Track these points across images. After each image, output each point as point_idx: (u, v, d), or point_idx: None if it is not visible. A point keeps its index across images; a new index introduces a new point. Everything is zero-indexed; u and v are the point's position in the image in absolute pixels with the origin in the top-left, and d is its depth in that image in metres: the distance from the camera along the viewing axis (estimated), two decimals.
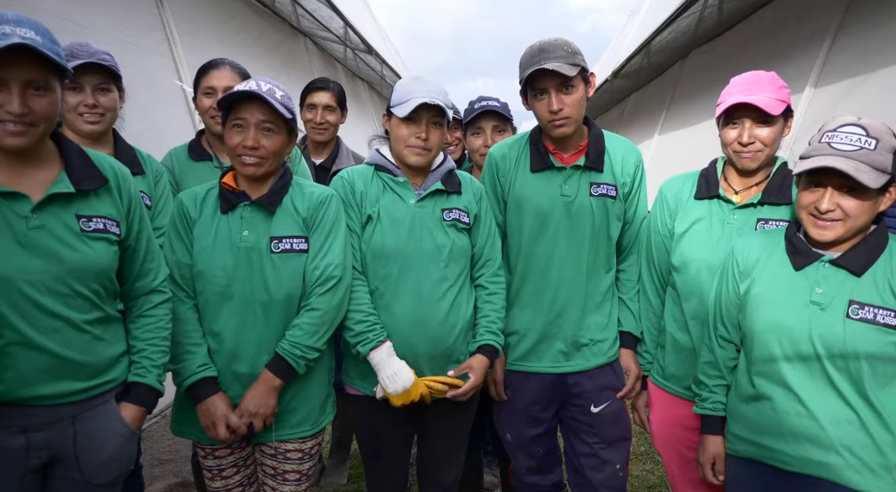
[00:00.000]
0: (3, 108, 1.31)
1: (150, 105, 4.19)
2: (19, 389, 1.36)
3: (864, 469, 1.54)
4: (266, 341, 1.75)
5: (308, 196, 1.82)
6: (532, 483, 2.19)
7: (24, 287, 1.35)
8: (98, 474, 1.49)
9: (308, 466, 1.87)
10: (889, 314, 1.52)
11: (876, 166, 1.49)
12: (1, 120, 1.32)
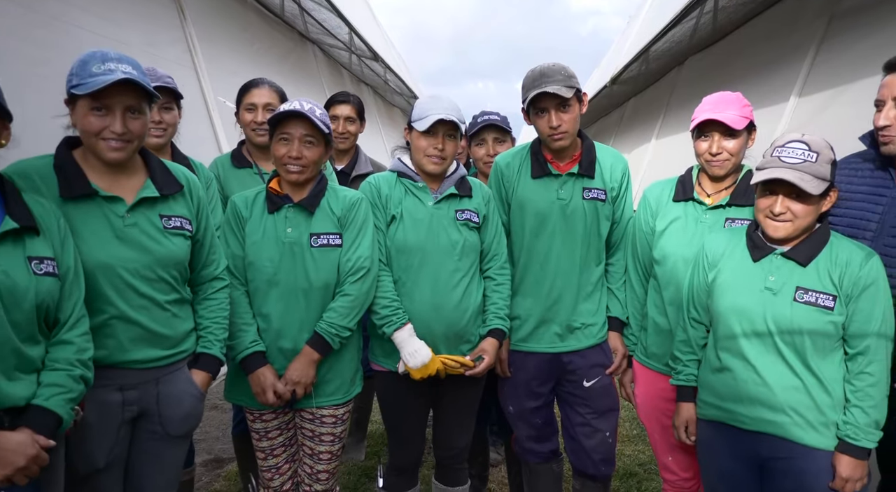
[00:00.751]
0: (108, 129, 1.65)
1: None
2: (118, 354, 1.71)
3: (808, 427, 1.88)
4: (306, 322, 2.09)
5: (341, 199, 2.16)
6: (531, 450, 2.53)
7: (122, 273, 1.70)
8: (175, 427, 1.84)
9: (340, 430, 2.22)
10: (827, 298, 1.86)
11: (817, 176, 1.83)
12: (105, 138, 1.66)
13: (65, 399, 1.50)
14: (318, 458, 2.20)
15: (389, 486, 2.45)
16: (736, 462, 2.01)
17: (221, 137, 5.07)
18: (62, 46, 3.65)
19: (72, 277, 1.58)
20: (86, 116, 1.64)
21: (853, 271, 1.85)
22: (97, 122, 1.64)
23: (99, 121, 1.64)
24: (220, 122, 5.08)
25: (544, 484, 2.58)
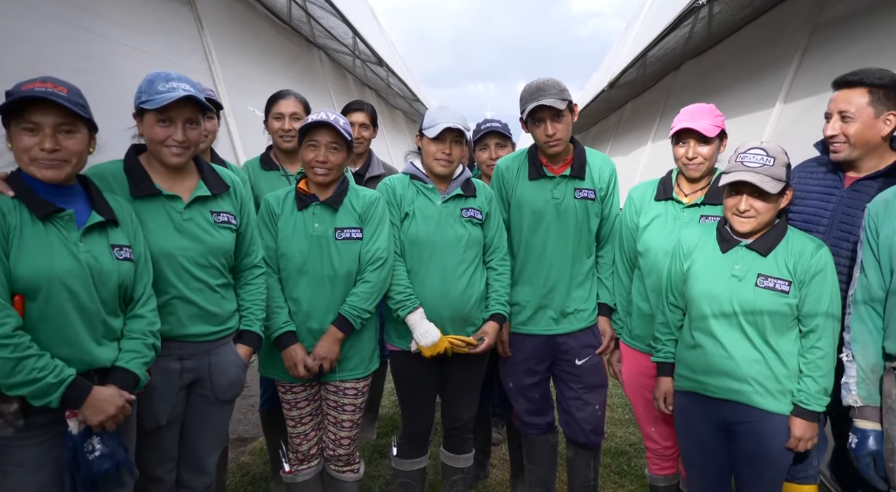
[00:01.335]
0: (171, 138, 1.98)
1: None
2: (178, 329, 2.03)
3: (767, 394, 2.19)
4: (332, 305, 2.42)
5: (362, 197, 2.48)
6: (530, 423, 2.85)
7: (181, 260, 2.03)
8: (223, 392, 2.17)
9: (360, 401, 2.54)
10: (784, 283, 2.17)
11: (775, 177, 2.14)
12: (168, 145, 1.99)
13: (141, 362, 1.83)
14: (341, 425, 2.52)
15: (402, 453, 2.77)
16: (706, 427, 2.33)
17: (236, 140, 5.38)
18: (95, 57, 3.96)
19: (142, 262, 1.90)
20: (152, 127, 1.96)
21: (805, 260, 2.16)
22: (162, 132, 1.96)
23: (163, 131, 1.96)
24: (236, 126, 5.39)
25: (541, 454, 2.90)
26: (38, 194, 1.70)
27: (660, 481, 2.75)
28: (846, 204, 2.28)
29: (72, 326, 1.70)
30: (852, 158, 2.22)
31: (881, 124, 2.14)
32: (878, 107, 2.13)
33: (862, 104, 2.14)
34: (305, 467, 2.59)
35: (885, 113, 2.13)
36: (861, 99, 2.15)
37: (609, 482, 3.41)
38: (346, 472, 2.59)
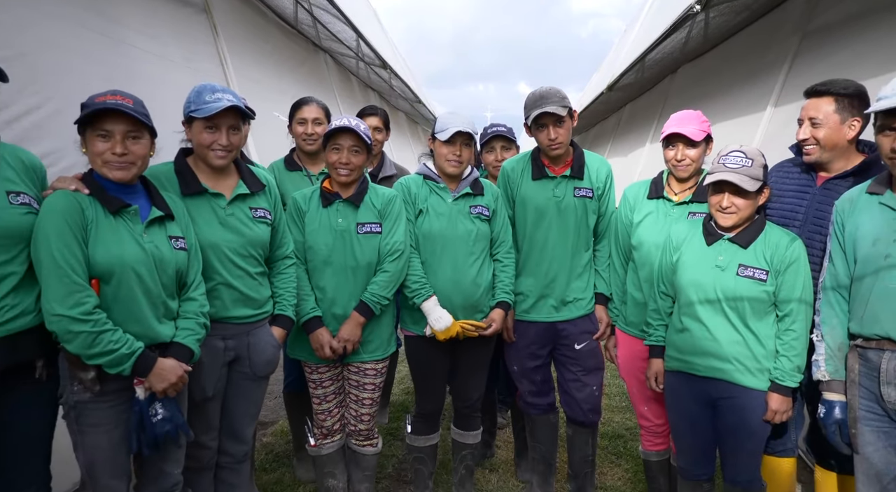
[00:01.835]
0: (217, 142, 2.25)
1: None
2: (222, 311, 2.31)
3: (747, 372, 2.46)
4: (354, 293, 2.69)
5: (381, 195, 2.76)
6: (533, 403, 3.12)
7: (225, 250, 2.30)
8: (260, 369, 2.44)
9: (379, 380, 2.81)
10: (762, 273, 2.45)
11: (753, 177, 2.42)
12: (213, 149, 2.26)
13: (195, 339, 2.11)
14: (362, 403, 2.80)
15: (416, 430, 3.04)
16: (693, 403, 2.60)
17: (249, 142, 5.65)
18: (121, 64, 4.23)
19: (193, 252, 2.18)
20: (200, 133, 2.24)
21: (781, 252, 2.44)
22: (209, 137, 2.24)
23: (210, 136, 2.24)
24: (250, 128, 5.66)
25: (543, 432, 3.17)
26: (109, 192, 1.98)
27: (652, 457, 3.02)
28: (819, 201, 2.55)
29: (139, 306, 1.98)
30: (823, 159, 2.50)
31: (846, 129, 2.42)
32: (843, 113, 2.41)
33: (829, 111, 2.43)
34: (329, 441, 2.86)
35: (850, 119, 2.41)
36: (828, 107, 2.43)
37: (606, 462, 3.69)
38: (366, 446, 2.87)
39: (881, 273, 2.12)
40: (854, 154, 2.51)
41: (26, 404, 1.96)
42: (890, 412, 2.13)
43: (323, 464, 2.88)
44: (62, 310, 1.83)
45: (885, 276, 2.11)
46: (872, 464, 2.19)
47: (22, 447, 1.96)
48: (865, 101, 2.42)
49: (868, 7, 4.46)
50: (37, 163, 2.03)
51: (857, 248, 2.23)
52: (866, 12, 4.51)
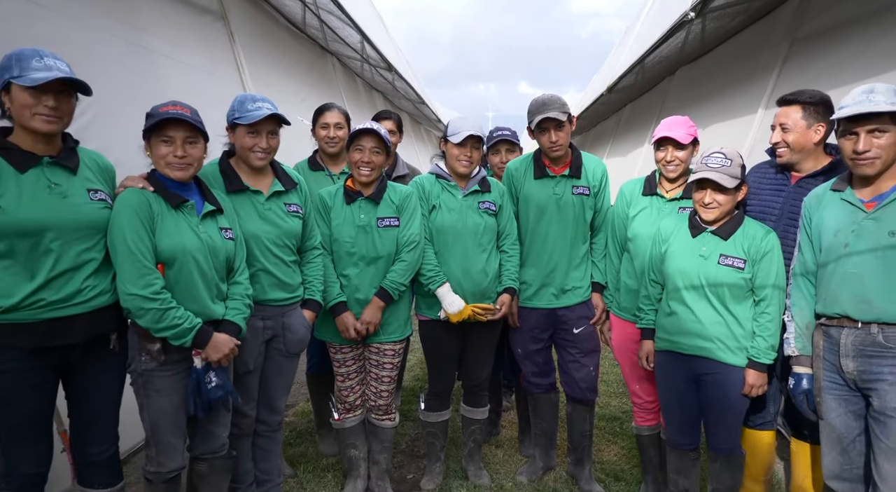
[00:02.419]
0: (258, 145, 2.58)
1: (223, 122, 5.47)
2: (261, 295, 2.65)
3: (728, 351, 2.79)
4: (375, 280, 3.02)
5: (398, 192, 3.09)
6: (535, 383, 3.46)
7: (264, 241, 2.64)
8: (293, 347, 2.78)
9: (397, 360, 3.15)
10: (740, 261, 2.77)
11: (731, 175, 2.75)
12: (255, 151, 2.60)
13: (242, 317, 2.44)
14: (381, 380, 3.13)
15: (429, 407, 3.38)
16: (680, 379, 2.93)
17: None
18: (146, 70, 4.56)
19: (239, 241, 2.51)
20: (243, 138, 2.58)
21: (757, 243, 2.77)
22: (251, 141, 2.58)
23: (252, 140, 2.58)
24: None
25: (544, 410, 3.51)
26: (170, 189, 2.32)
27: (644, 431, 3.35)
28: (793, 198, 2.88)
29: (196, 288, 2.32)
30: (793, 160, 2.84)
31: (812, 133, 2.76)
32: (809, 119, 2.75)
33: (797, 118, 2.77)
34: (351, 416, 3.20)
35: (815, 124, 2.75)
36: (796, 114, 2.77)
37: (604, 441, 4.02)
38: (385, 420, 3.20)
39: (841, 260, 2.45)
40: (822, 156, 2.84)
41: (102, 372, 2.29)
42: (848, 382, 2.45)
43: (346, 436, 3.22)
44: (135, 290, 2.16)
45: (844, 262, 2.43)
46: (834, 428, 2.52)
47: (98, 409, 2.30)
48: (829, 108, 2.75)
49: (852, 16, 4.78)
50: (108, 164, 2.37)
51: (821, 238, 2.55)
52: (850, 21, 4.83)
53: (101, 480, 2.35)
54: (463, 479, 3.45)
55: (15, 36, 3.26)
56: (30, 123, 2.06)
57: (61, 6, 3.69)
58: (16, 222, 2.01)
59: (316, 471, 3.50)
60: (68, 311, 2.12)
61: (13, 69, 2.03)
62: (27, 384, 2.10)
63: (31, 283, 2.06)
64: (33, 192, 2.06)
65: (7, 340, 2.05)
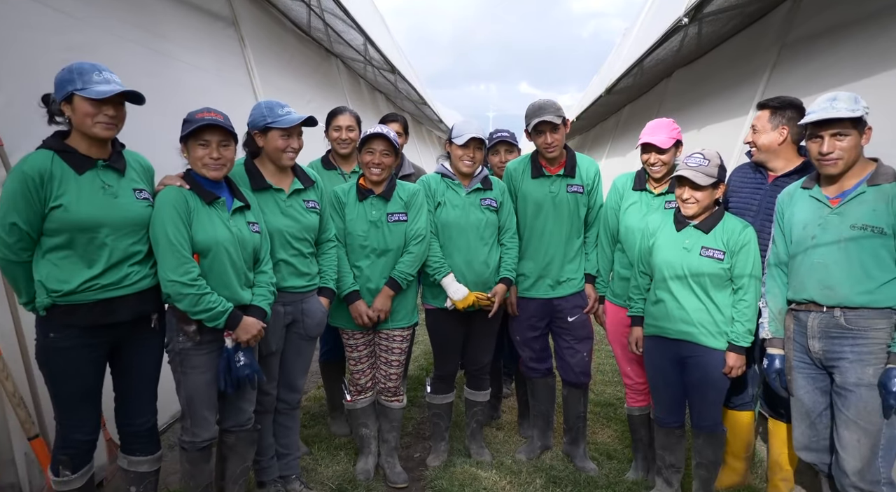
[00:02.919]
0: (290, 146, 2.87)
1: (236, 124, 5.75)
2: (282, 282, 2.93)
3: (709, 335, 3.07)
4: (385, 271, 3.30)
5: (407, 190, 3.37)
6: (533, 368, 3.74)
7: (286, 234, 2.93)
8: (311, 330, 3.07)
9: (405, 345, 3.43)
10: (720, 253, 3.05)
11: (707, 174, 3.01)
12: (286, 152, 2.88)
13: (267, 303, 2.73)
14: (391, 364, 3.42)
15: (435, 390, 3.66)
16: (666, 361, 3.21)
17: None
18: (164, 75, 4.84)
19: (264, 235, 2.80)
20: (276, 140, 2.87)
21: (735, 236, 3.04)
22: (283, 143, 2.87)
23: (284, 142, 2.88)
24: None
25: (542, 393, 3.79)
26: (204, 187, 2.60)
27: (635, 411, 3.63)
28: (769, 195, 3.16)
29: (227, 276, 2.60)
30: (762, 159, 3.13)
31: (777, 134, 3.07)
32: (774, 122, 3.06)
33: (765, 121, 3.07)
34: (363, 397, 3.48)
35: (780, 126, 3.05)
36: (764, 117, 3.08)
37: (598, 424, 4.31)
38: (394, 401, 3.49)
39: (808, 251, 2.73)
40: (795, 156, 3.13)
41: (144, 350, 2.58)
42: (815, 361, 2.74)
43: (357, 416, 3.50)
44: (175, 277, 2.45)
45: (811, 253, 2.72)
46: (803, 403, 2.81)
47: (140, 384, 2.59)
48: (799, 111, 3.04)
49: (838, 23, 5.05)
50: (149, 165, 2.65)
51: (792, 231, 2.83)
52: (836, 27, 5.10)
53: (142, 448, 2.64)
54: (466, 457, 3.74)
55: (51, 44, 3.55)
56: (91, 130, 2.35)
57: (91, 17, 3.98)
58: (76, 220, 2.31)
59: (329, 449, 3.79)
60: (118, 292, 2.42)
61: (76, 82, 2.31)
62: (86, 360, 2.39)
63: (89, 271, 2.35)
64: (90, 192, 2.35)
65: (68, 319, 2.35)
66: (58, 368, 2.37)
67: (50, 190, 2.28)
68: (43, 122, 2.49)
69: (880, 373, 2.51)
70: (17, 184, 2.25)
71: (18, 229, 2.27)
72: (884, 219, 2.54)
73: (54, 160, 2.32)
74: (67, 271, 2.33)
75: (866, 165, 2.67)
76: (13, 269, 2.34)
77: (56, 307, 2.35)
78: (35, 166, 2.28)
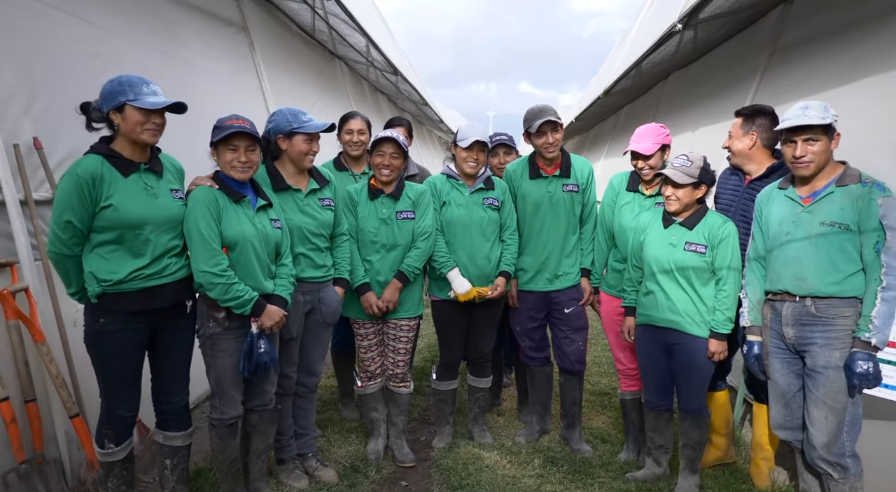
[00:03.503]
0: (312, 150, 3.14)
1: None
2: (300, 273, 3.21)
3: (694, 324, 3.34)
4: (394, 265, 3.58)
5: (415, 190, 3.65)
6: (532, 357, 4.02)
7: (304, 231, 3.20)
8: (328, 317, 3.35)
9: (412, 334, 3.71)
10: (703, 247, 3.32)
11: (688, 174, 3.27)
12: (308, 155, 3.16)
13: (288, 293, 3.00)
14: (398, 352, 3.69)
15: (440, 377, 3.94)
16: (655, 348, 3.48)
17: None
18: (182, 80, 5.10)
19: (285, 231, 3.08)
20: (301, 144, 3.15)
21: (715, 231, 3.32)
22: (307, 146, 3.16)
23: (307, 146, 3.16)
24: None
25: (540, 381, 4.07)
26: (232, 187, 2.88)
27: (627, 396, 3.91)
28: (744, 197, 3.46)
29: (253, 268, 2.88)
30: (736, 162, 3.44)
31: (747, 139, 3.39)
32: (745, 128, 3.38)
33: (737, 127, 3.38)
34: (373, 383, 3.76)
35: (749, 132, 3.35)
36: (738, 124, 3.39)
37: (594, 411, 4.59)
38: (402, 387, 3.77)
39: (783, 246, 3.00)
40: (767, 159, 3.42)
41: (179, 332, 2.86)
42: (789, 346, 3.01)
43: (367, 401, 3.78)
44: (206, 268, 2.73)
45: (785, 248, 2.99)
46: (779, 385, 3.08)
47: (176, 364, 2.87)
48: (768, 116, 3.35)
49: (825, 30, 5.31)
50: (180, 166, 2.92)
51: (769, 228, 3.11)
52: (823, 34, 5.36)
53: (176, 424, 2.92)
54: (469, 439, 4.02)
55: (80, 53, 3.83)
56: (140, 136, 2.63)
57: (116, 28, 4.26)
58: (125, 218, 2.59)
59: (341, 432, 4.07)
60: (159, 281, 2.70)
61: (128, 93, 2.58)
62: (130, 342, 2.68)
63: (136, 262, 2.64)
64: (135, 193, 2.63)
65: (116, 305, 2.63)
66: (106, 349, 2.65)
67: (101, 191, 2.56)
68: (76, 125, 2.75)
69: (846, 356, 2.78)
70: (72, 186, 2.53)
71: (73, 227, 2.55)
72: (849, 216, 2.82)
73: (104, 164, 2.60)
74: (116, 263, 2.61)
75: (836, 168, 2.94)
76: (66, 262, 2.62)
77: (105, 295, 2.63)
78: (88, 170, 2.55)
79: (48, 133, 3.37)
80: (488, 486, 3.42)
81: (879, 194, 2.78)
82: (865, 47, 4.55)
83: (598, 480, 3.55)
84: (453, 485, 3.43)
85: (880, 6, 4.30)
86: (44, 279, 3.16)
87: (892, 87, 3.72)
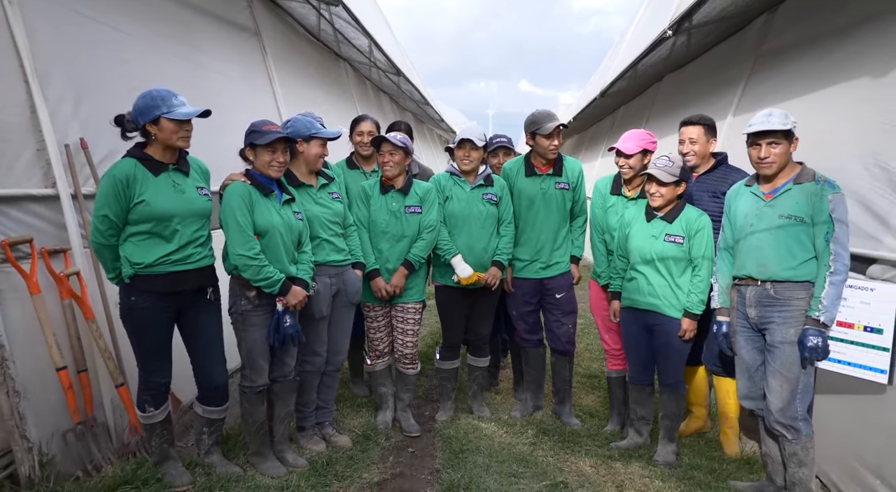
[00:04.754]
0: (323, 153, 3.57)
1: None
2: (326, 257, 3.65)
3: (671, 307, 3.77)
4: (401, 254, 4.01)
5: (422, 186, 4.08)
6: (527, 339, 4.45)
7: (323, 219, 3.64)
8: (352, 297, 3.80)
9: (418, 317, 4.14)
10: (680, 238, 3.75)
11: (669, 172, 3.71)
12: (321, 157, 3.58)
13: (308, 276, 3.44)
14: (406, 333, 4.13)
15: (443, 357, 4.38)
16: (637, 328, 3.91)
17: None
18: (200, 85, 5.49)
19: (305, 222, 3.50)
20: (316, 148, 3.58)
21: (691, 223, 3.75)
22: (321, 150, 3.59)
23: (321, 150, 3.59)
24: None
25: (534, 361, 4.50)
26: (262, 183, 3.30)
27: (613, 374, 4.34)
28: (694, 190, 3.96)
29: (279, 253, 3.31)
30: (697, 163, 3.94)
31: (709, 145, 3.90)
32: (707, 136, 3.91)
33: (700, 134, 3.93)
34: (381, 361, 4.19)
35: (711, 139, 3.87)
36: (699, 131, 3.94)
37: (584, 391, 5.03)
38: (409, 368, 4.20)
39: (748, 237, 3.43)
40: (709, 161, 3.92)
41: (205, 315, 3.27)
42: (752, 325, 3.44)
43: (376, 377, 4.22)
44: (241, 251, 3.16)
45: (750, 239, 3.41)
46: (744, 360, 3.51)
47: (210, 341, 3.29)
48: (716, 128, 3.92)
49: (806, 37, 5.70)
50: (206, 167, 3.35)
51: (736, 220, 3.54)
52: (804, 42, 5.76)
53: (215, 400, 3.37)
54: (469, 413, 4.46)
55: (112, 59, 4.23)
56: (175, 143, 3.06)
57: (141, 34, 4.67)
58: (156, 212, 3.01)
59: (353, 407, 4.51)
60: (184, 267, 3.12)
61: (161, 107, 3.00)
62: (159, 318, 3.11)
63: (164, 249, 3.05)
64: (165, 190, 3.05)
65: (146, 286, 3.05)
66: (137, 324, 3.08)
67: (134, 190, 2.99)
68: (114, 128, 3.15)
69: (800, 333, 3.21)
70: (109, 186, 2.95)
71: (109, 220, 2.98)
72: (804, 210, 3.24)
73: (136, 166, 3.02)
74: (147, 249, 3.04)
75: (794, 167, 3.36)
76: (104, 250, 3.05)
77: (137, 277, 3.05)
78: (123, 171, 2.98)
79: (92, 134, 3.78)
80: (486, 451, 3.85)
81: (830, 191, 3.20)
82: (839, 55, 4.97)
83: (585, 447, 3.98)
84: (454, 450, 3.86)
85: (852, 18, 4.69)
86: (91, 264, 3.58)
87: (861, 90, 4.09)
